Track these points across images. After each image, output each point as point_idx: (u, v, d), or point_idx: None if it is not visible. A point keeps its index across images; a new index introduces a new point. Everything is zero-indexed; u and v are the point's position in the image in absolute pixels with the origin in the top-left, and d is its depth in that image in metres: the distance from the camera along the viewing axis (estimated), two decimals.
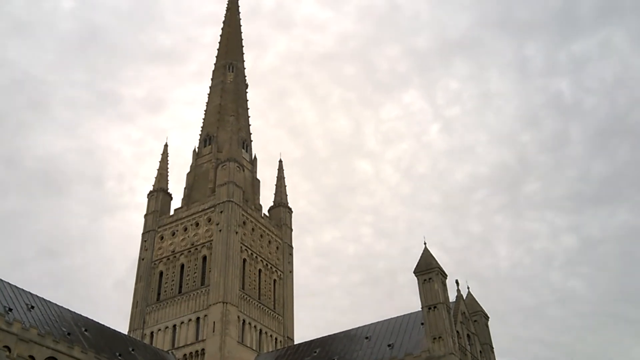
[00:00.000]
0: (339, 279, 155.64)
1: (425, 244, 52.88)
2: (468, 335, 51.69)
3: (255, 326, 67.56)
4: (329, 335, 60.16)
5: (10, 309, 45.84)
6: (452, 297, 51.62)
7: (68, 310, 52.95)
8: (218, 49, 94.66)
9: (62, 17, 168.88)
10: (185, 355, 63.21)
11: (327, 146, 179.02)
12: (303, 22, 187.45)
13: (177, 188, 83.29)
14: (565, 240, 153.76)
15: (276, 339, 69.96)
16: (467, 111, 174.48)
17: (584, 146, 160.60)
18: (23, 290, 49.73)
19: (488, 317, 57.28)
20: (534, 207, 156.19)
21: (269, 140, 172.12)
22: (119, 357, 52.20)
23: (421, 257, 52.20)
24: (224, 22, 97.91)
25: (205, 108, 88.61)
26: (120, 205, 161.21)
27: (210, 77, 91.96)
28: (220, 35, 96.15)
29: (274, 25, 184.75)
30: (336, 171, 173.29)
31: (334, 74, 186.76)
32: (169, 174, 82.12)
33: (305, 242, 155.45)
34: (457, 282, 53.68)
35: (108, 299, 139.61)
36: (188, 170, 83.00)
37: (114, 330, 57.80)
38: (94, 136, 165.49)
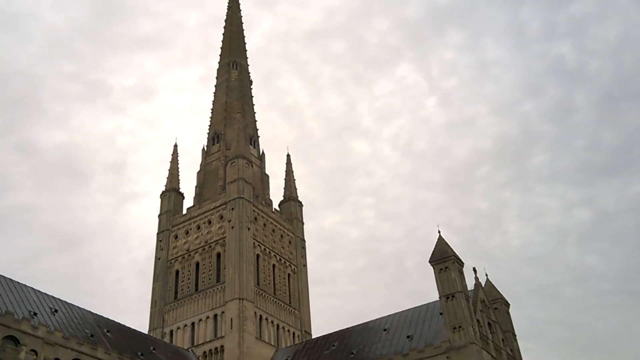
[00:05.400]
0: (343, 265, 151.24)
1: (439, 232, 52.86)
2: (489, 323, 51.57)
3: (272, 321, 68.14)
4: (346, 329, 60.62)
5: (35, 313, 46.46)
6: (469, 283, 51.26)
7: (90, 312, 53.62)
8: (221, 47, 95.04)
9: (46, 8, 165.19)
10: (205, 352, 63.81)
11: (321, 127, 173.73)
12: None
13: (181, 177, 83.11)
14: (578, 214, 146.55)
15: (294, 333, 70.54)
16: (464, 82, 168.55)
17: (591, 113, 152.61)
18: (47, 294, 50.38)
19: (509, 304, 57.01)
20: (542, 180, 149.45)
21: (261, 125, 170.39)
22: (141, 357, 52.76)
23: (436, 245, 52.06)
24: (225, 20, 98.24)
25: (211, 107, 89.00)
26: (123, 197, 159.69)
27: (215, 75, 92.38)
28: (223, 34, 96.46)
29: (257, 3, 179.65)
30: (332, 153, 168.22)
31: (323, 52, 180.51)
32: (173, 172, 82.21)
33: (306, 228, 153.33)
34: (474, 269, 53.59)
35: (116, 294, 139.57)
36: (186, 159, 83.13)
37: (135, 330, 58.47)
38: (86, 128, 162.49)
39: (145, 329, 67.02)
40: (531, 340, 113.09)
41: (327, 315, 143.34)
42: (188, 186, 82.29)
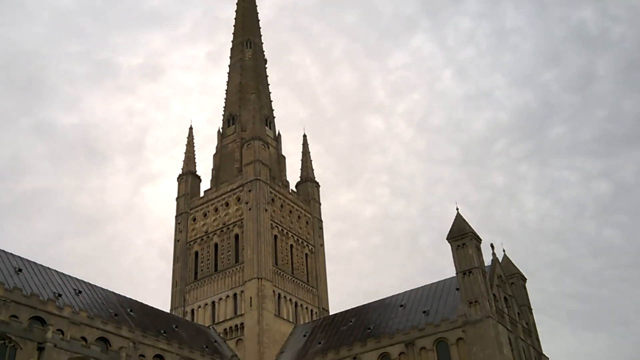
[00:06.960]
0: (358, 243, 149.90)
1: (457, 209, 53.12)
2: (505, 298, 52.10)
3: (290, 299, 69.27)
4: (363, 305, 61.58)
5: (60, 295, 47.88)
6: (486, 259, 51.52)
7: (113, 292, 55.10)
8: (234, 26, 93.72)
9: None
10: (225, 329, 65.35)
11: (334, 103, 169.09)
12: None
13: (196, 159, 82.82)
14: (597, 187, 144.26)
15: (312, 310, 71.72)
16: (481, 52, 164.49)
17: (613, 82, 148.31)
18: (70, 276, 51.81)
19: (525, 279, 57.40)
20: (561, 153, 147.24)
21: (274, 103, 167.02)
22: (164, 335, 54.11)
23: (454, 222, 52.43)
24: None
25: (225, 87, 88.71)
26: (140, 178, 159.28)
27: (225, 52, 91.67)
28: (236, 11, 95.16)
29: None
30: (346, 130, 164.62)
31: (335, 23, 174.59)
32: (193, 155, 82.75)
33: (322, 208, 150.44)
34: (492, 245, 54.06)
35: (135, 274, 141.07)
36: (198, 140, 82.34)
37: (157, 309, 60.02)
38: (97, 109, 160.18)
39: (166, 308, 68.63)
40: (547, 314, 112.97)
41: (343, 293, 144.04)
42: (203, 168, 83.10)
